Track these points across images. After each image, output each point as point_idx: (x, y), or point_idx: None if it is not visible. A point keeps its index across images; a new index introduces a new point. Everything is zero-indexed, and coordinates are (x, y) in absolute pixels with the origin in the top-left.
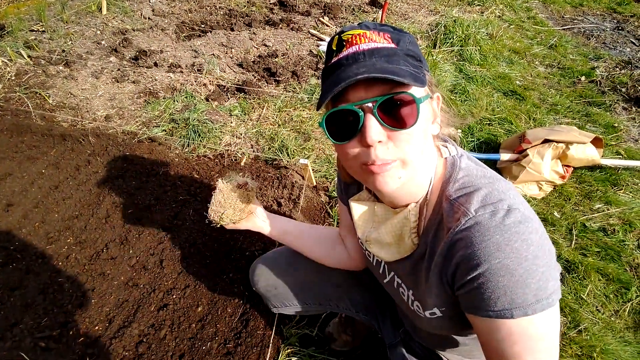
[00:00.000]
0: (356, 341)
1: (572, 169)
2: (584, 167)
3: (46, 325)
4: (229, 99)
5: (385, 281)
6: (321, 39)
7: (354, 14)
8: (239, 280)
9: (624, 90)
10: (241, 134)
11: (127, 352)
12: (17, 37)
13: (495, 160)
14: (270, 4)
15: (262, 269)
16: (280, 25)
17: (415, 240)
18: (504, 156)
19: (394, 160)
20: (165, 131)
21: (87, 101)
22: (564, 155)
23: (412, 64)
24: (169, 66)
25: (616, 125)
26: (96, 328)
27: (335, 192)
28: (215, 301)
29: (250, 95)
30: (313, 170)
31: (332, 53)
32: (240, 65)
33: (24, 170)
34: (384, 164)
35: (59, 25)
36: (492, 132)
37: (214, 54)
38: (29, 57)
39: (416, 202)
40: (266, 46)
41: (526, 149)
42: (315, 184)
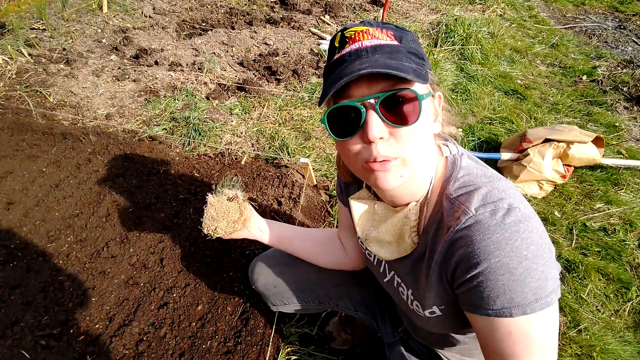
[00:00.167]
0: (356, 340)
1: (572, 168)
2: (585, 167)
3: (47, 323)
4: (229, 97)
5: (385, 280)
6: (322, 38)
7: (355, 12)
8: (239, 279)
9: (625, 89)
10: (242, 133)
11: (127, 351)
12: (17, 35)
13: (496, 160)
14: (271, 2)
15: (261, 267)
16: (281, 24)
17: (415, 239)
18: (505, 155)
19: (395, 158)
20: (166, 130)
21: (88, 99)
22: (564, 154)
23: (414, 61)
24: (169, 65)
25: (617, 124)
26: (96, 326)
27: (335, 192)
28: (215, 300)
29: (251, 94)
30: (313, 169)
31: (335, 50)
32: (241, 64)
33: (25, 168)
34: (385, 160)
35: (59, 24)
36: (493, 131)
37: (214, 53)
38: (30, 55)
39: (416, 201)
40: (267, 45)
41: (527, 149)
42: (315, 183)
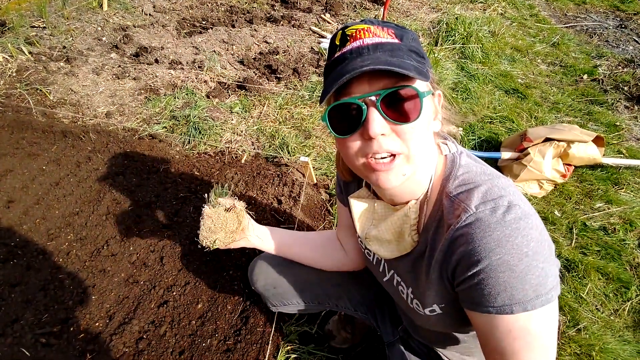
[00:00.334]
0: (355, 338)
1: (573, 167)
2: (585, 166)
3: (47, 321)
4: (229, 96)
5: (384, 279)
6: (322, 36)
7: (355, 10)
8: (239, 278)
9: (626, 88)
10: (242, 131)
11: (127, 349)
12: (18, 33)
13: (497, 159)
14: (272, 0)
15: (261, 267)
16: (281, 22)
17: (415, 238)
18: (505, 155)
19: (398, 154)
20: (166, 128)
21: (88, 98)
22: (565, 154)
23: (415, 59)
24: (169, 63)
25: (618, 124)
26: (97, 324)
27: (335, 191)
28: (215, 298)
29: (251, 92)
30: (313, 167)
31: (336, 48)
32: (241, 62)
33: (25, 166)
34: (391, 157)
35: (59, 22)
36: (493, 130)
37: (214, 51)
38: (30, 53)
39: (416, 199)
40: (267, 43)
41: (527, 148)
42: (315, 181)
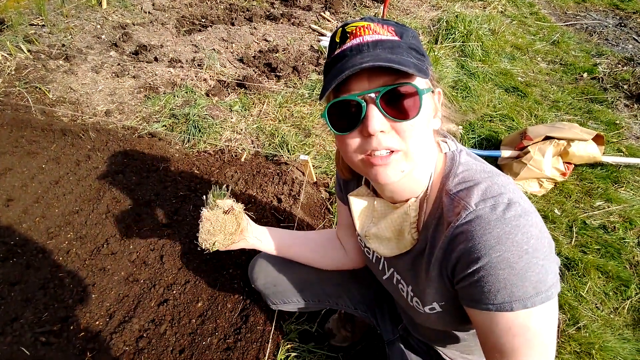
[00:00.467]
0: (355, 337)
1: (573, 166)
2: (585, 165)
3: (47, 320)
4: (229, 94)
5: (384, 278)
6: (322, 34)
7: (355, 8)
8: (239, 276)
9: (626, 87)
10: (241, 130)
11: (127, 347)
12: (17, 31)
13: (496, 157)
14: None
15: (261, 266)
16: (281, 20)
17: (415, 236)
18: (505, 153)
19: (397, 151)
20: (166, 126)
21: (87, 96)
22: (565, 152)
23: (415, 56)
24: (169, 61)
25: (618, 122)
26: (97, 323)
27: (335, 189)
28: (215, 297)
29: (251, 90)
30: (313, 166)
31: (336, 45)
32: (241, 61)
33: (24, 165)
34: (388, 153)
35: (58, 20)
36: (493, 128)
37: (214, 49)
38: (29, 51)
39: (416, 197)
40: (267, 41)
41: (527, 146)
42: (315, 180)
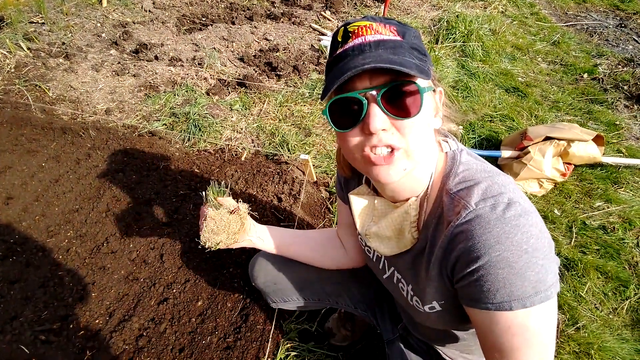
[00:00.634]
0: (355, 336)
1: (573, 166)
2: (585, 165)
3: (46, 318)
4: (229, 93)
5: (384, 277)
6: (323, 34)
7: (356, 8)
8: (239, 275)
9: (626, 88)
10: (242, 129)
11: (127, 346)
12: (16, 29)
13: (496, 157)
14: None
15: (261, 264)
16: (281, 19)
17: (415, 235)
18: (505, 153)
19: (397, 148)
20: (166, 125)
21: (87, 94)
22: (565, 152)
23: (417, 57)
24: (169, 60)
25: (618, 123)
26: (96, 321)
27: (335, 189)
28: (215, 295)
29: (251, 89)
30: (314, 165)
31: (337, 44)
32: (241, 59)
33: (24, 163)
34: (391, 150)
35: (58, 17)
36: (493, 129)
37: (214, 48)
38: (29, 49)
39: (416, 196)
40: (267, 40)
41: (527, 146)
42: (315, 179)
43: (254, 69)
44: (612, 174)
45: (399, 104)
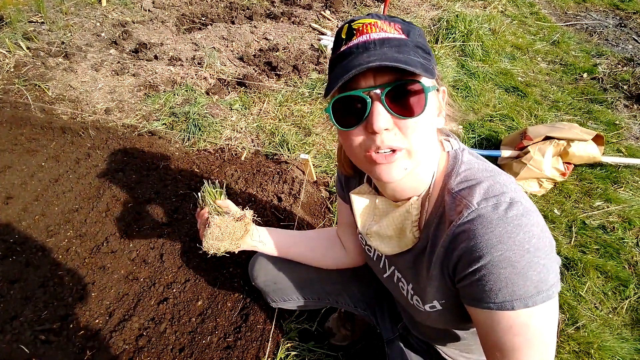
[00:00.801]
0: (355, 336)
1: (572, 166)
2: (585, 165)
3: (46, 318)
4: (229, 92)
5: (385, 276)
6: (323, 33)
7: (355, 7)
8: (239, 275)
9: (625, 87)
10: (242, 128)
11: (127, 346)
12: (15, 28)
13: (496, 157)
14: None
15: (261, 264)
16: (281, 19)
17: (417, 234)
18: (505, 153)
19: (400, 149)
20: (166, 125)
21: (87, 94)
22: (565, 152)
23: (422, 55)
24: (169, 59)
25: (617, 122)
26: (96, 321)
27: (335, 188)
28: (215, 295)
29: (251, 89)
30: (314, 165)
31: (341, 41)
32: (241, 59)
33: (24, 162)
34: (392, 152)
35: (58, 17)
36: (493, 128)
37: (214, 47)
38: (28, 48)
39: (418, 195)
40: (267, 40)
41: (527, 146)
42: (315, 179)
43: (253, 69)
44: (611, 173)
45: (403, 103)
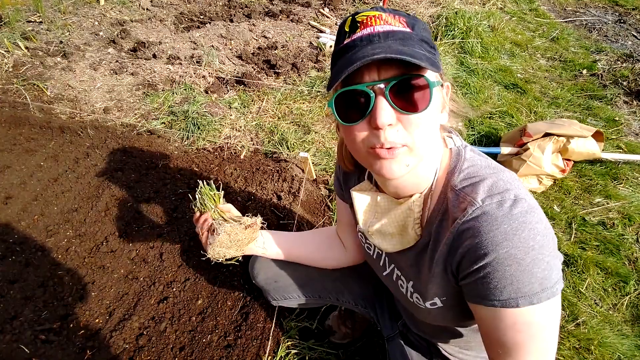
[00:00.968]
0: (355, 334)
1: (572, 162)
2: (585, 161)
3: (46, 318)
4: (228, 91)
5: (384, 274)
6: (321, 31)
7: (354, 5)
8: (239, 273)
9: (625, 83)
10: (241, 127)
11: (127, 345)
12: (14, 28)
13: (496, 154)
14: None
15: (262, 262)
16: (280, 17)
17: (419, 231)
18: (505, 150)
19: (402, 145)
20: (165, 124)
21: (86, 93)
22: (564, 149)
23: (426, 49)
24: (167, 58)
25: (617, 119)
26: (96, 321)
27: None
28: (215, 294)
29: (250, 87)
30: (313, 163)
31: (345, 35)
32: (240, 57)
33: (23, 162)
34: (392, 147)
35: (56, 16)
36: (493, 125)
37: (213, 46)
38: (27, 48)
39: (420, 192)
40: (266, 38)
41: (527, 143)
42: (315, 177)
43: (252, 67)
44: (611, 170)
45: (407, 98)
